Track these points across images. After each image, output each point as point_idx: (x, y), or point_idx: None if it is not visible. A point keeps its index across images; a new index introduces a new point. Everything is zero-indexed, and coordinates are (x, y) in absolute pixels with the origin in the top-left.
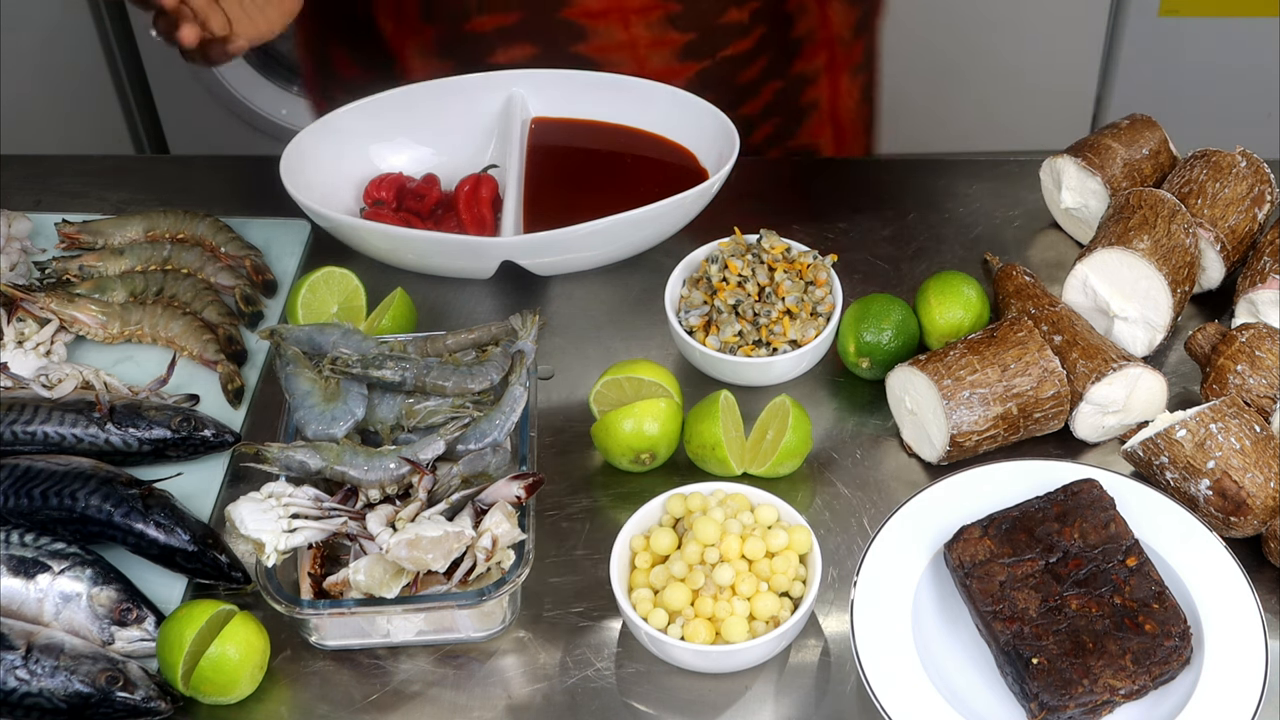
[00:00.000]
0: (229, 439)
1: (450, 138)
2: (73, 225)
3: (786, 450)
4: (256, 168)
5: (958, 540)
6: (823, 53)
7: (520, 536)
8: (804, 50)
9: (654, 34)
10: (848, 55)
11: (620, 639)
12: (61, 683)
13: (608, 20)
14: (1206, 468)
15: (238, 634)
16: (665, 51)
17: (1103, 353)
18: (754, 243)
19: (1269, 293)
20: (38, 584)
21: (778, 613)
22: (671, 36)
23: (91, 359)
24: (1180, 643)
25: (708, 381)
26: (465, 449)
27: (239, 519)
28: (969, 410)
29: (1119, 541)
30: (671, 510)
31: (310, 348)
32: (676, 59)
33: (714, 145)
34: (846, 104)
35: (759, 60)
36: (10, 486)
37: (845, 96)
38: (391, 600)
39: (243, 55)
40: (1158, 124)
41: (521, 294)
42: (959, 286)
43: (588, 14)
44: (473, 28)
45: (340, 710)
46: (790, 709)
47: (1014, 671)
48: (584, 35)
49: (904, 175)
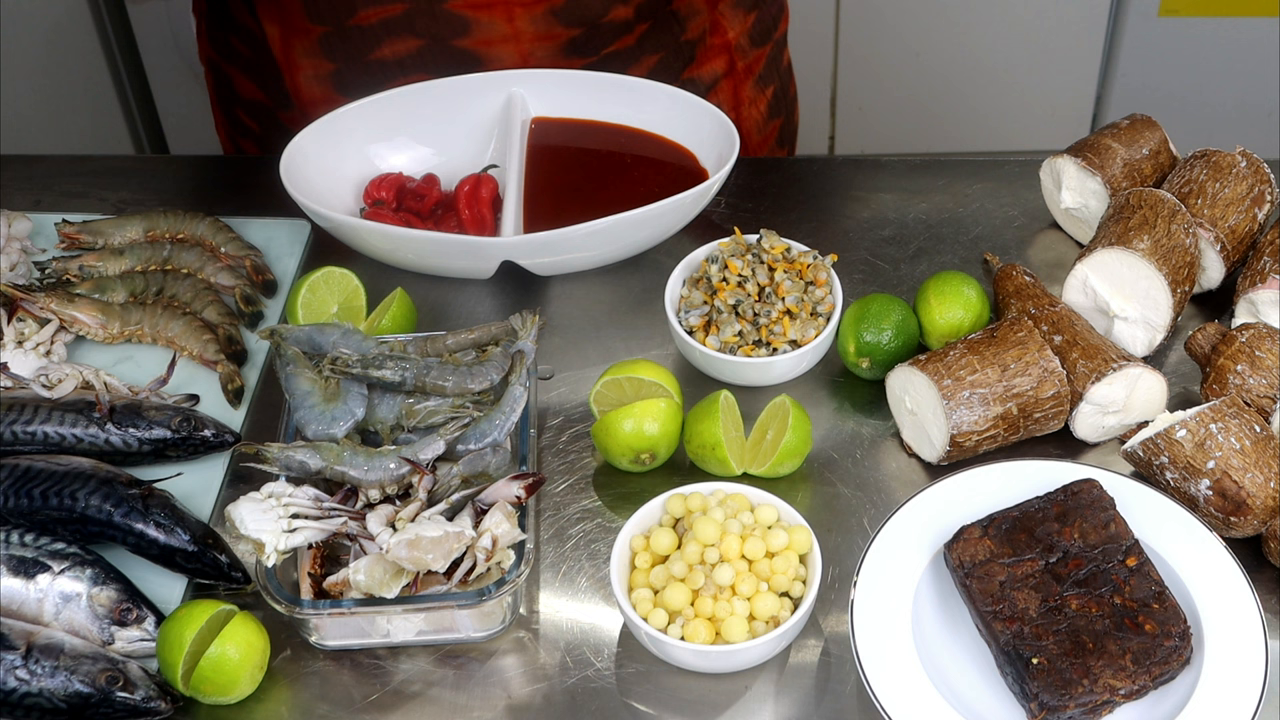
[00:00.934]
0: (229, 439)
1: (450, 138)
2: (73, 225)
3: (786, 450)
4: (256, 168)
5: (958, 540)
6: (720, 59)
7: (520, 536)
8: (698, 55)
9: (538, 28)
10: (747, 64)
11: (620, 639)
12: (61, 683)
13: (491, 13)
14: (1206, 468)
15: (238, 634)
16: (550, 46)
17: (1103, 353)
18: (754, 243)
19: (1269, 293)
20: (38, 584)
21: (778, 613)
22: (556, 31)
23: (91, 359)
24: (1180, 643)
25: (708, 381)
26: (465, 449)
27: (239, 519)
28: (969, 410)
29: (1119, 541)
30: (671, 510)
31: (310, 348)
32: (561, 54)
33: (714, 145)
34: (751, 114)
35: (646, 60)
36: (10, 486)
37: (749, 106)
38: (391, 600)
39: None
40: (1158, 124)
41: (521, 294)
42: (959, 286)
43: (471, 5)
44: (358, 21)
45: (340, 710)
46: (790, 709)
47: (1014, 671)
48: (468, 28)
49: (904, 175)
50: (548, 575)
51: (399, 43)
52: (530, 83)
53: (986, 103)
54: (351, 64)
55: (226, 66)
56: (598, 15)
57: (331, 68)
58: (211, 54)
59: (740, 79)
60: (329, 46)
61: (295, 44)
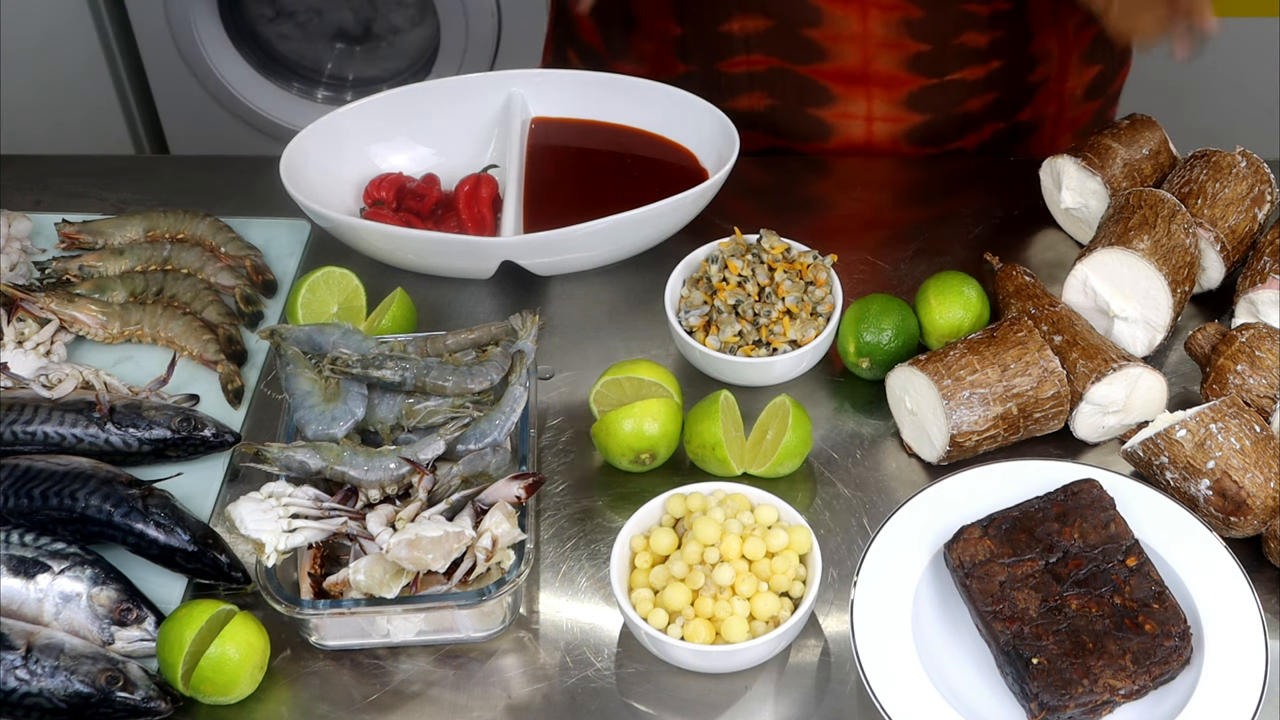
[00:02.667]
0: (229, 439)
1: (450, 138)
2: (73, 225)
3: (786, 450)
4: (256, 168)
5: (958, 540)
6: (1052, 103)
7: (520, 536)
8: (1035, 98)
9: (888, 34)
10: (1074, 115)
11: (620, 639)
12: (61, 683)
13: (846, 8)
14: (1206, 468)
15: (238, 634)
16: (894, 55)
17: (1103, 353)
18: (754, 243)
19: (1269, 293)
20: (38, 584)
21: (778, 613)
22: (905, 42)
23: (91, 359)
24: (1180, 643)
25: (708, 381)
26: (465, 449)
27: (239, 519)
28: (969, 410)
29: (1119, 541)
30: (671, 510)
31: (310, 348)
32: (904, 68)
33: (714, 145)
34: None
35: (986, 94)
36: (10, 486)
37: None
38: (391, 600)
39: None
40: (1158, 124)
41: (521, 294)
42: (959, 286)
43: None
44: None
45: (340, 710)
46: (790, 709)
47: (1014, 671)
48: (819, 19)
49: (904, 175)
50: (548, 575)
51: (749, 20)
52: (530, 83)
53: None
54: (698, 32)
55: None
56: (949, 35)
57: (679, 32)
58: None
59: (1063, 129)
60: (681, 9)
61: (651, 3)
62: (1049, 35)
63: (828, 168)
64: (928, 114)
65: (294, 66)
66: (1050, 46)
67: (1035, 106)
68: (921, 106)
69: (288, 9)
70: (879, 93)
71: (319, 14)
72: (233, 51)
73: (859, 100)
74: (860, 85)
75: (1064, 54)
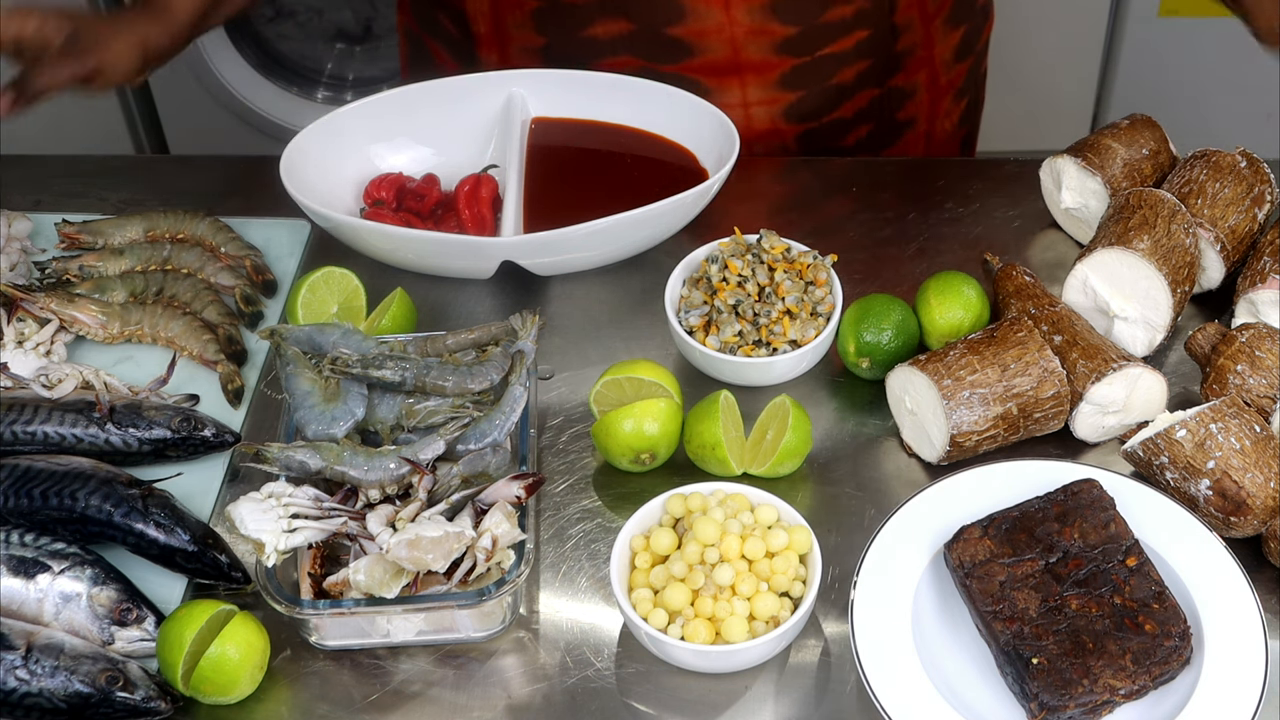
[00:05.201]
0: (229, 439)
1: (450, 138)
2: (73, 225)
3: (786, 450)
4: (256, 168)
5: (958, 540)
6: (923, 71)
7: (520, 536)
8: (905, 65)
9: (754, 21)
10: (949, 78)
11: (620, 639)
12: (61, 683)
13: (709, 1)
14: (1206, 468)
15: (238, 634)
16: (763, 41)
17: (1103, 353)
18: (754, 243)
19: (1269, 293)
20: (38, 584)
21: (778, 613)
22: (772, 28)
23: (91, 359)
24: (1180, 643)
25: (708, 381)
26: (465, 449)
27: (239, 519)
28: (969, 410)
29: (1119, 541)
30: (671, 510)
31: (310, 348)
32: (773, 51)
33: (714, 145)
34: (944, 125)
35: (857, 64)
36: (10, 486)
37: (943, 118)
38: (391, 600)
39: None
40: (1158, 124)
41: (521, 294)
42: (959, 286)
43: None
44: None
45: (340, 710)
46: (790, 709)
47: (1014, 671)
48: (683, 15)
49: (904, 175)
50: (548, 575)
51: (611, 23)
52: (530, 83)
53: (986, 103)
54: (562, 39)
55: (429, 40)
56: (814, 14)
57: (542, 42)
58: (412, 26)
59: (940, 93)
60: (541, 20)
61: (507, 17)
62: (910, 5)
63: (828, 167)
64: (801, 90)
65: (294, 66)
66: (913, 16)
67: (907, 73)
68: (795, 84)
69: (288, 9)
70: (752, 79)
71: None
72: (232, 51)
73: (733, 89)
74: (733, 75)
75: (926, 21)
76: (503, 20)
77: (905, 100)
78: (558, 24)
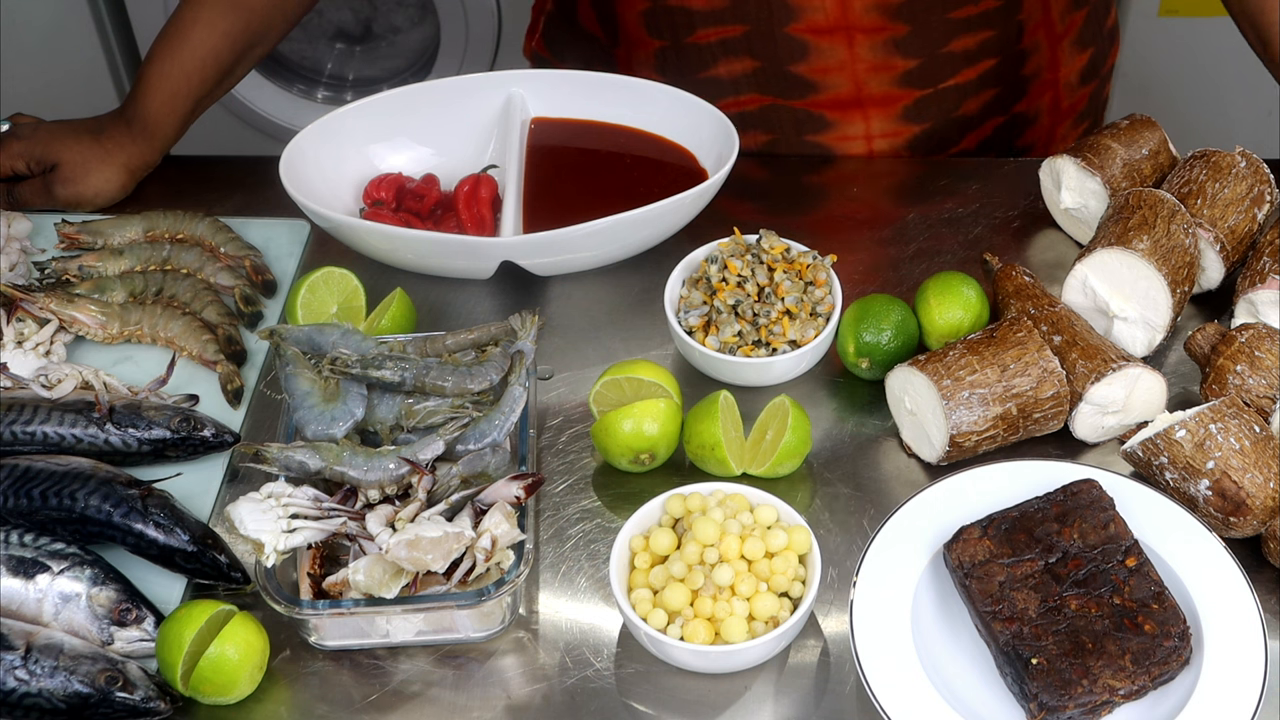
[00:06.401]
0: (229, 439)
1: (450, 138)
2: (72, 225)
3: (786, 450)
4: (256, 168)
5: (957, 540)
6: (1047, 94)
7: (520, 536)
8: (1030, 89)
9: (875, 57)
10: (1072, 101)
11: (620, 639)
12: (61, 683)
13: (832, 39)
14: (1206, 468)
15: (237, 634)
16: (885, 76)
17: (1102, 353)
18: (754, 243)
19: (1269, 293)
20: (37, 584)
21: (777, 613)
22: (894, 62)
23: (91, 359)
24: (1180, 643)
25: (708, 381)
26: (465, 449)
27: (238, 519)
28: (968, 410)
29: (1118, 542)
30: (671, 510)
31: (310, 348)
32: (897, 85)
33: (714, 145)
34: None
35: (983, 94)
36: (10, 486)
37: (1059, 143)
38: (391, 600)
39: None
40: (1158, 124)
41: (521, 294)
42: (959, 286)
43: (813, 30)
44: (695, 39)
45: (340, 710)
46: (790, 709)
47: (1013, 671)
48: (806, 53)
49: (904, 175)
50: (547, 575)
51: (735, 63)
52: (530, 83)
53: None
54: (684, 81)
55: (557, 65)
56: (938, 45)
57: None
58: (543, 51)
59: (1061, 117)
60: (663, 61)
61: (632, 56)
62: (1037, 27)
63: (827, 167)
64: (926, 123)
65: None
66: (1040, 38)
67: (1031, 98)
68: (919, 117)
69: None
70: (875, 112)
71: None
72: None
73: (856, 123)
74: (856, 109)
75: (1053, 44)
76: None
77: (1027, 127)
78: (678, 67)
